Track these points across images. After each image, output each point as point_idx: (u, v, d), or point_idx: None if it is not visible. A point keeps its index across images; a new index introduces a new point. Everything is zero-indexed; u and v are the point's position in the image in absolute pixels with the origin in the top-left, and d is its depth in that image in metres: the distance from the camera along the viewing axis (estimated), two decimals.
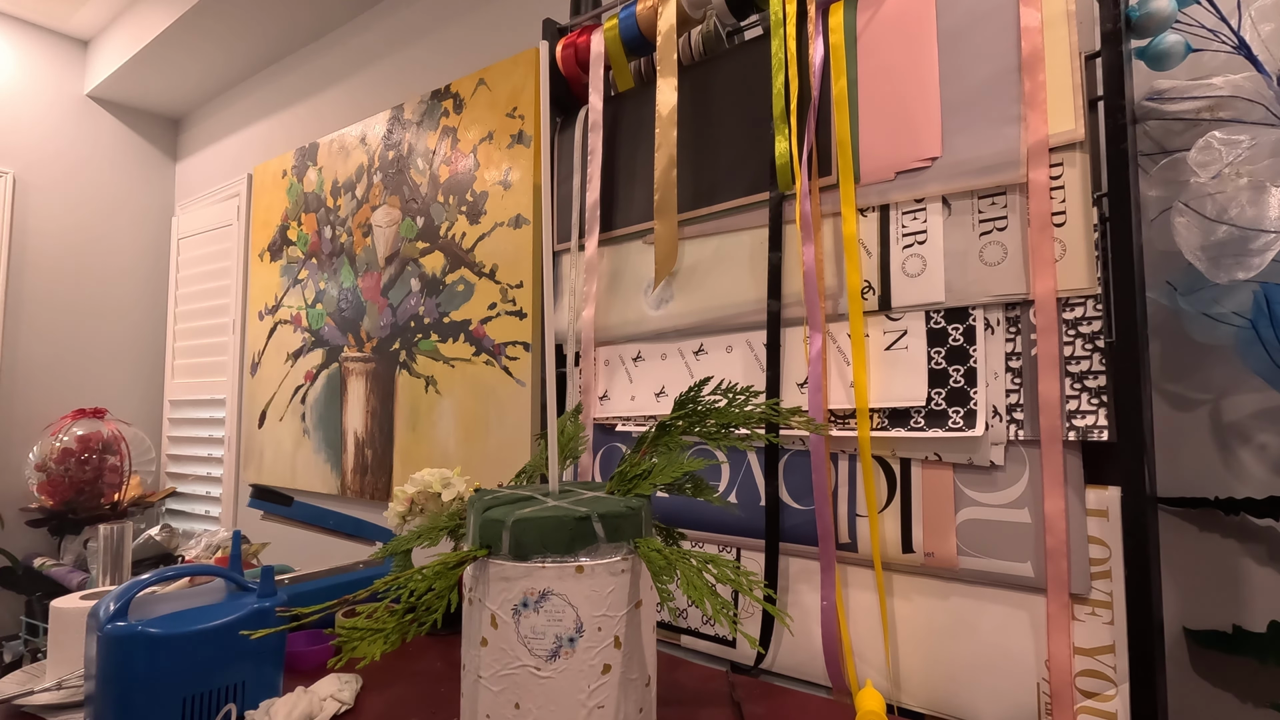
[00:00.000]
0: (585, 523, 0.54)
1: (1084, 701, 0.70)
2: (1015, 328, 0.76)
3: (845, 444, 0.86)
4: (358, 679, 0.80)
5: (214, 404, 2.52)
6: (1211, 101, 0.82)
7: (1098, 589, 0.70)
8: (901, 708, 0.80)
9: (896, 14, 0.86)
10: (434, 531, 0.69)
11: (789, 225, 0.92)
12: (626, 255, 1.11)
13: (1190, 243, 0.76)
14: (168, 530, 2.19)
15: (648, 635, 0.58)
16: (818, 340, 0.88)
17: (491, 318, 1.62)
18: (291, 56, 2.39)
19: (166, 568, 0.73)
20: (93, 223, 2.68)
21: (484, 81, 1.70)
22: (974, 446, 0.77)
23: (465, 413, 1.66)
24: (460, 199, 1.72)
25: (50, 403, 2.53)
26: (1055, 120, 0.74)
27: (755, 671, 0.93)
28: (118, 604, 0.66)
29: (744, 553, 0.95)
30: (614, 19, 1.12)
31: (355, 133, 2.04)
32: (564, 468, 0.75)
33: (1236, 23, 0.81)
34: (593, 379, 1.13)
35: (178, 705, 0.65)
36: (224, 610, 0.71)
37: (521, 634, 0.52)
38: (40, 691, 0.74)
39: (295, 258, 2.22)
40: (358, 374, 1.96)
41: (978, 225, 0.79)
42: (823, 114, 0.90)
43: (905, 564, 0.81)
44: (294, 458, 2.14)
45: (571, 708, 0.51)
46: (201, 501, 2.55)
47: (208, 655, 0.68)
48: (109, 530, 1.07)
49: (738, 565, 0.52)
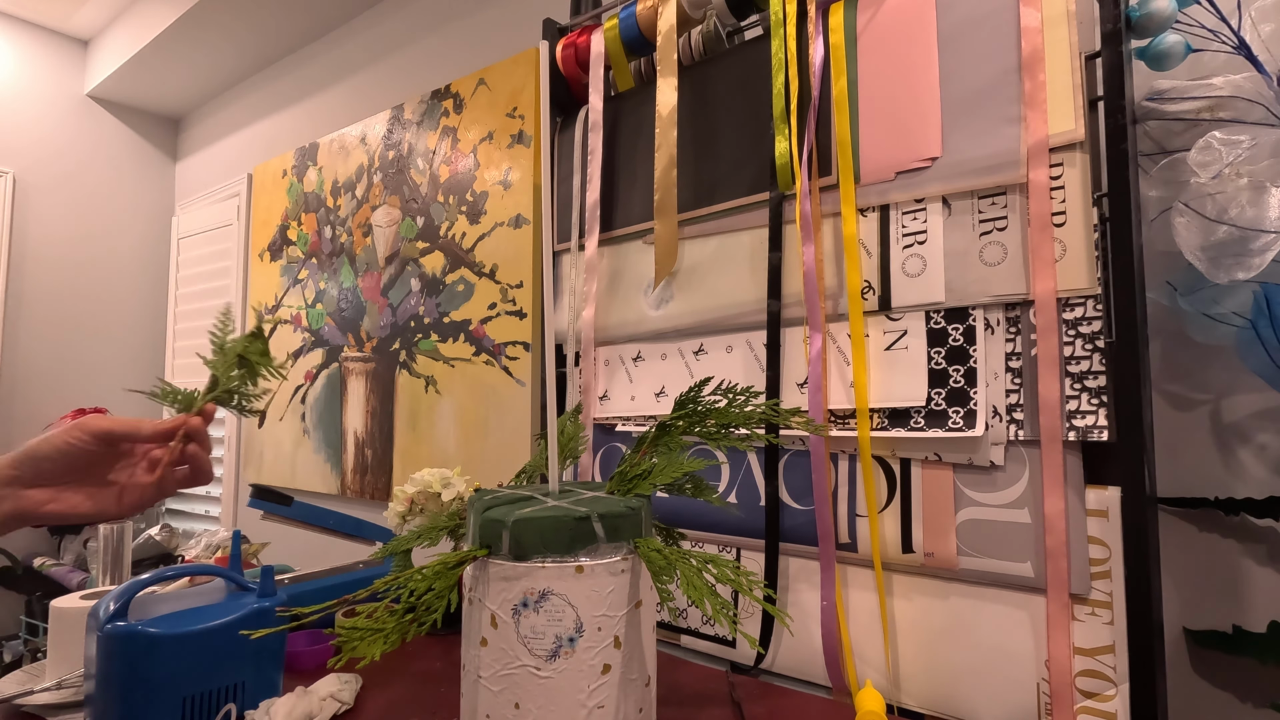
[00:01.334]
0: (585, 523, 0.54)
1: (1084, 702, 0.70)
2: (1015, 328, 0.76)
3: (845, 444, 0.86)
4: (357, 679, 0.80)
5: None
6: (1212, 102, 0.82)
7: (1097, 589, 0.70)
8: (901, 708, 0.80)
9: (897, 14, 0.86)
10: (434, 531, 0.69)
11: (789, 225, 0.92)
12: (626, 255, 1.11)
13: (1190, 243, 0.76)
14: (167, 530, 2.19)
15: (648, 635, 0.58)
16: (818, 340, 0.87)
17: (491, 318, 1.62)
18: (292, 56, 2.39)
19: (166, 567, 0.73)
20: (93, 222, 2.68)
21: (484, 81, 1.70)
22: (974, 446, 0.77)
23: (465, 413, 1.66)
24: (460, 199, 1.72)
25: (50, 402, 2.53)
26: (1055, 120, 0.74)
27: (755, 671, 0.93)
28: (117, 604, 0.66)
29: (744, 553, 0.95)
30: (614, 19, 1.12)
31: (355, 132, 2.04)
32: (564, 468, 0.75)
33: (1237, 23, 0.81)
34: (593, 379, 1.13)
35: (177, 705, 0.65)
36: (224, 610, 0.71)
37: (521, 634, 0.52)
38: (40, 691, 0.74)
39: (295, 257, 2.22)
40: (358, 374, 1.96)
41: (978, 225, 0.79)
42: (823, 114, 0.90)
43: (905, 564, 0.81)
44: (294, 457, 2.14)
45: (571, 708, 0.51)
46: (201, 501, 2.55)
47: (207, 655, 0.68)
48: (109, 530, 1.07)
49: (738, 565, 0.52)
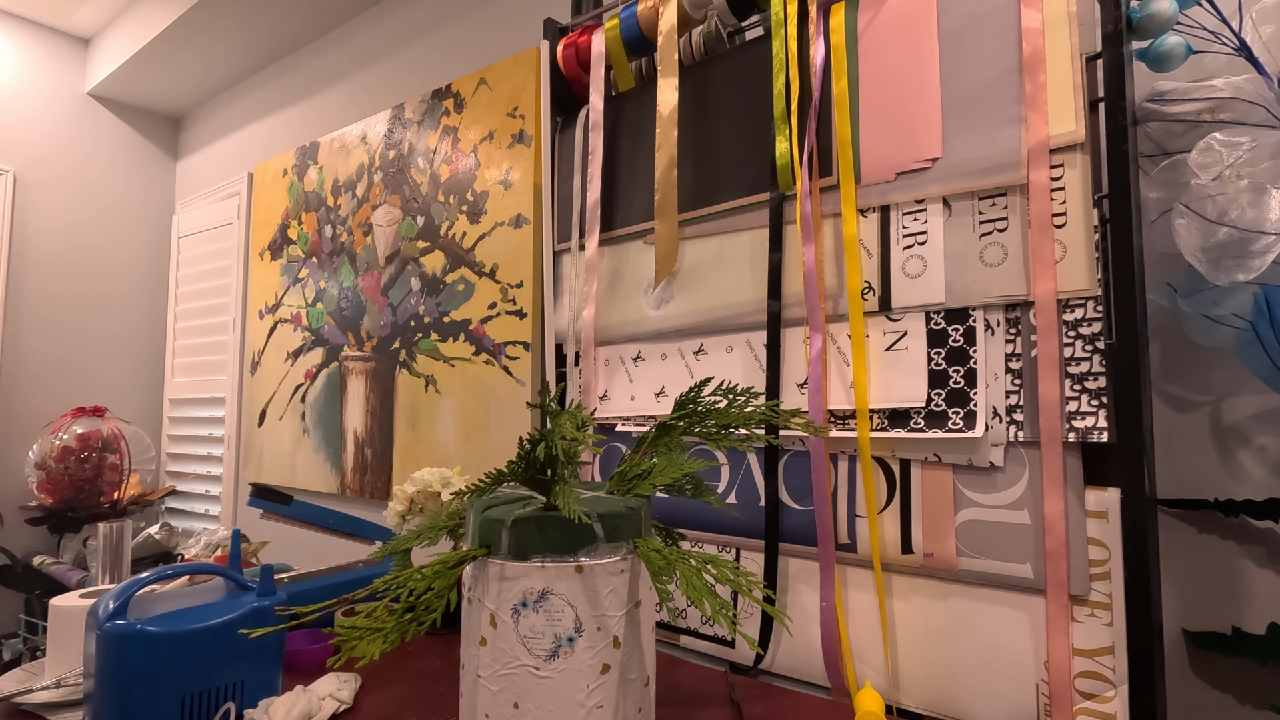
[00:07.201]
0: (584, 523, 0.54)
1: (1083, 703, 0.70)
2: (1015, 329, 0.76)
3: (845, 444, 0.86)
4: (357, 678, 0.80)
5: (214, 403, 2.52)
6: (1212, 103, 0.81)
7: (1097, 590, 0.70)
8: (900, 708, 0.80)
9: (898, 15, 0.86)
10: (433, 531, 0.69)
11: (789, 226, 0.92)
12: (627, 255, 1.11)
13: (1190, 244, 0.76)
14: (167, 529, 2.19)
15: (647, 635, 0.58)
16: (818, 341, 0.87)
17: (491, 317, 1.62)
18: (292, 55, 2.39)
19: (166, 566, 0.73)
20: (93, 221, 2.68)
21: (485, 81, 1.70)
22: (974, 447, 0.77)
23: (465, 412, 1.66)
24: (461, 198, 1.72)
25: (50, 401, 2.53)
26: (1056, 121, 0.74)
27: (754, 672, 0.93)
28: (117, 602, 0.66)
29: (743, 553, 0.95)
30: (615, 19, 1.12)
31: (356, 132, 2.04)
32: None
33: (1237, 24, 0.81)
34: (593, 379, 1.13)
35: (176, 704, 0.65)
36: (223, 609, 0.71)
37: (520, 634, 0.52)
38: (39, 689, 0.74)
39: (295, 256, 2.22)
40: (358, 373, 1.96)
41: (978, 226, 0.79)
42: (823, 114, 0.90)
43: (904, 565, 0.81)
44: (293, 457, 2.14)
45: (570, 708, 0.51)
46: (201, 500, 2.55)
47: (207, 654, 0.68)
48: (108, 529, 1.07)
49: (737, 565, 0.52)
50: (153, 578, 0.70)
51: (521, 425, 1.54)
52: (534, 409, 1.49)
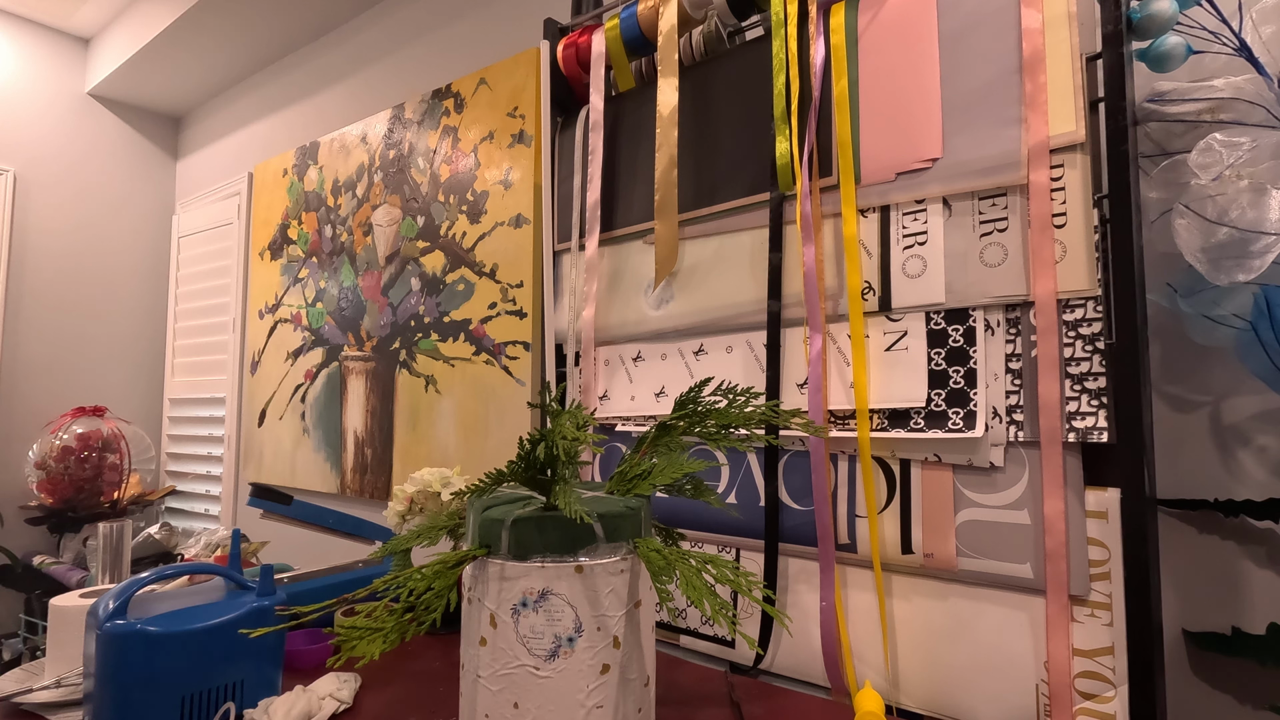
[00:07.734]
0: (584, 523, 0.54)
1: (1083, 703, 0.70)
2: (1015, 329, 0.76)
3: (845, 444, 0.86)
4: (356, 678, 0.80)
5: (214, 402, 2.52)
6: (1212, 103, 0.81)
7: (1097, 590, 0.70)
8: (900, 709, 0.80)
9: (898, 15, 0.86)
10: (433, 531, 0.69)
11: (789, 226, 0.92)
12: (627, 255, 1.11)
13: (1191, 245, 0.76)
14: (167, 528, 2.19)
15: (647, 635, 0.58)
16: (818, 341, 0.87)
17: (491, 317, 1.62)
18: (292, 55, 2.39)
19: (166, 566, 0.73)
20: (93, 221, 2.68)
21: (485, 81, 1.70)
22: (974, 448, 0.77)
23: (465, 412, 1.66)
24: (461, 198, 1.72)
25: (50, 401, 2.53)
26: (1056, 122, 0.74)
27: (754, 672, 0.93)
28: (117, 602, 0.66)
29: (743, 553, 0.95)
30: (615, 19, 1.12)
31: (356, 132, 2.04)
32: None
33: (1238, 25, 0.81)
34: (593, 379, 1.13)
35: (176, 703, 0.65)
36: (223, 609, 0.71)
37: (520, 634, 0.52)
38: (39, 689, 0.74)
39: (296, 256, 2.22)
40: (358, 373, 1.96)
41: (978, 226, 0.79)
42: (823, 114, 0.90)
43: (904, 565, 0.81)
44: (293, 456, 2.14)
45: (570, 708, 0.51)
46: (201, 500, 2.55)
47: (207, 653, 0.68)
48: (108, 528, 1.07)
49: (737, 566, 0.52)
50: (153, 578, 0.70)
51: (521, 425, 1.54)
52: (534, 409, 1.49)
